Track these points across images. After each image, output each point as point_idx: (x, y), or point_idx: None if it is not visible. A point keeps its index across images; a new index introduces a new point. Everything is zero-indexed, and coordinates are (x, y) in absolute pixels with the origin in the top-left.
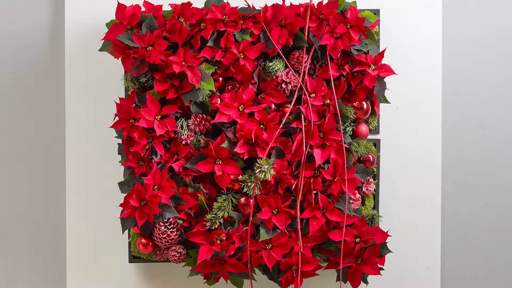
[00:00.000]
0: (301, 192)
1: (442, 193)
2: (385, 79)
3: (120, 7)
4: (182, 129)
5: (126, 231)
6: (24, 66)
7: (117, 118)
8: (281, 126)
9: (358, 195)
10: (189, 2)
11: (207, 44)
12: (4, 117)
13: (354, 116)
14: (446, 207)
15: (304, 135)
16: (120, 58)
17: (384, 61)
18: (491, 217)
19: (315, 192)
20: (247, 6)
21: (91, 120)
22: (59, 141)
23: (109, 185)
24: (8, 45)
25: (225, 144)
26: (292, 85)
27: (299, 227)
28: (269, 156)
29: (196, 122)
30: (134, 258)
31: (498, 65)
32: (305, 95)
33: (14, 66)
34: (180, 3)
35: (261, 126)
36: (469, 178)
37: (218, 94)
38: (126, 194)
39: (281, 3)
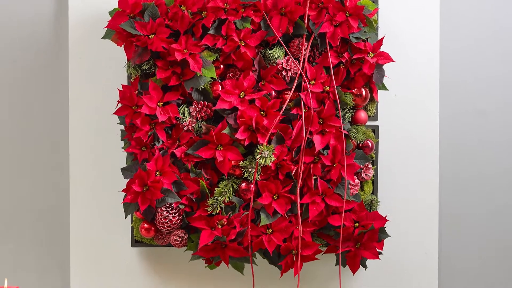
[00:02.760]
0: (301, 178)
1: (440, 178)
2: (383, 67)
3: None
4: (184, 115)
5: (129, 216)
6: (28, 54)
7: (120, 105)
8: (281, 112)
9: (357, 181)
10: None
11: (209, 32)
12: (8, 105)
13: (353, 102)
14: (444, 192)
15: (304, 121)
16: (122, 46)
17: (382, 48)
18: (488, 203)
19: (314, 177)
20: None
21: (94, 106)
22: (62, 128)
23: (112, 171)
24: (13, 33)
25: (226, 131)
26: (292, 72)
27: (299, 212)
28: (269, 142)
29: (197, 108)
30: (136, 242)
31: (495, 53)
32: (305, 82)
33: (18, 54)
34: None
35: (262, 112)
36: (467, 164)
37: (219, 81)
38: (128, 179)
39: None
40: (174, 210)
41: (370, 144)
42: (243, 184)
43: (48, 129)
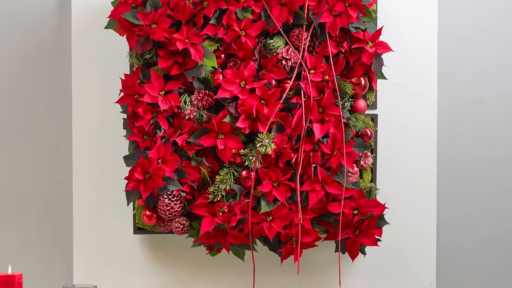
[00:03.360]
0: (301, 166)
1: (438, 166)
2: (382, 56)
3: None
4: (185, 104)
5: (131, 203)
6: (32, 43)
7: (122, 94)
8: (281, 101)
9: (356, 169)
10: None
11: (210, 22)
12: (11, 95)
13: (352, 91)
14: (441, 180)
15: (303, 110)
16: (125, 36)
17: (381, 38)
18: (486, 190)
19: (314, 165)
20: None
21: (97, 95)
22: (65, 116)
23: (114, 159)
24: (16, 23)
25: (227, 119)
26: (292, 61)
27: (299, 199)
28: (269, 130)
29: (199, 97)
30: (138, 229)
31: (492, 43)
32: (304, 71)
33: (21, 43)
34: None
35: (262, 101)
36: (464, 152)
37: (220, 70)
38: (131, 167)
39: None
40: (175, 198)
41: (369, 133)
42: (244, 172)
43: (51, 118)
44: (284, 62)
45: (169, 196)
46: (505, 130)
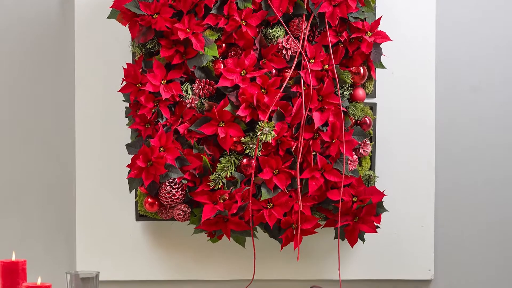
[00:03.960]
0: (300, 154)
1: (436, 154)
2: (381, 45)
3: None
4: (186, 93)
5: (133, 190)
6: (35, 33)
7: (124, 83)
8: (281, 90)
9: (355, 156)
10: None
11: (211, 12)
12: (16, 84)
13: (352, 80)
14: (439, 167)
15: (303, 98)
16: (127, 25)
17: (380, 28)
18: (484, 177)
19: (314, 153)
20: None
21: (99, 84)
22: (69, 105)
23: (117, 147)
24: (20, 13)
25: (228, 108)
26: (292, 51)
27: (299, 187)
28: (270, 119)
29: (200, 86)
30: (140, 216)
31: (489, 32)
32: (304, 60)
33: (25, 33)
34: None
35: (263, 90)
36: (462, 140)
37: (221, 59)
38: (133, 155)
39: None
40: (177, 185)
41: (368, 121)
42: (245, 160)
43: (55, 107)
44: (284, 52)
45: (171, 184)
46: (503, 118)
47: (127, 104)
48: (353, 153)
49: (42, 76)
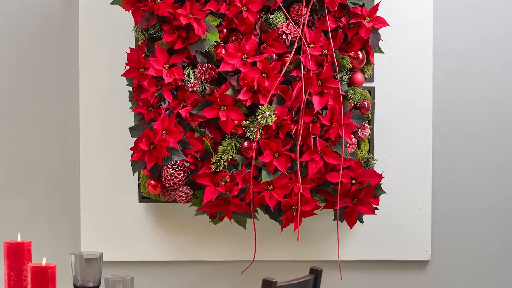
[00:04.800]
0: (300, 137)
1: (433, 137)
2: (379, 31)
3: None
4: (189, 77)
5: (136, 173)
6: (40, 19)
7: (128, 67)
8: (281, 74)
9: (354, 139)
10: None
11: None
12: (21, 69)
13: (350, 65)
14: (437, 150)
15: (303, 83)
16: (130, 11)
17: (378, 13)
18: (480, 159)
19: (313, 136)
20: None
21: (103, 69)
22: (73, 90)
23: (120, 130)
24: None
25: (229, 92)
26: (292, 36)
27: (299, 169)
28: (270, 102)
29: (202, 70)
30: (143, 198)
31: (486, 18)
32: (304, 45)
33: (30, 19)
34: None
35: (263, 74)
36: (459, 124)
37: (222, 44)
38: (136, 138)
39: None
40: (179, 168)
41: (366, 105)
42: (245, 143)
43: (59, 92)
44: (284, 37)
45: (173, 166)
46: (497, 101)
47: (130, 88)
48: (352, 136)
49: (47, 62)
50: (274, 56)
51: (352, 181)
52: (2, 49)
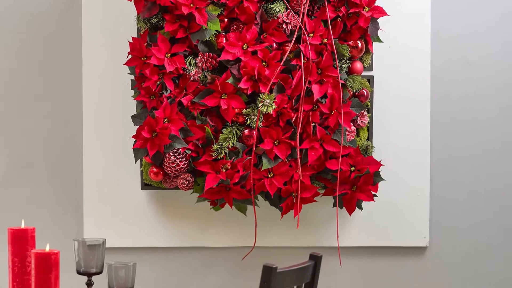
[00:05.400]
0: (300, 125)
1: (431, 125)
2: (378, 20)
3: None
4: (190, 66)
5: (139, 160)
6: (43, 9)
7: (130, 56)
8: (282, 63)
9: (353, 127)
10: None
11: None
12: (24, 58)
13: (350, 54)
14: (435, 138)
15: (303, 71)
16: (133, 1)
17: (377, 3)
18: (477, 146)
19: (313, 124)
20: None
21: (106, 58)
22: (76, 78)
23: (123, 118)
24: None
25: (230, 80)
26: (292, 25)
27: (299, 156)
28: (271, 91)
29: (203, 59)
30: (145, 185)
31: (484, 7)
32: (304, 34)
33: (33, 8)
34: None
35: (264, 63)
36: (456, 112)
37: (223, 34)
38: (138, 126)
39: None
40: (181, 155)
41: (365, 93)
42: (246, 131)
43: (63, 80)
44: (284, 26)
45: (175, 154)
46: (496, 90)
47: (132, 77)
48: (351, 124)
49: (50, 51)
50: (275, 45)
51: (351, 169)
52: (5, 39)
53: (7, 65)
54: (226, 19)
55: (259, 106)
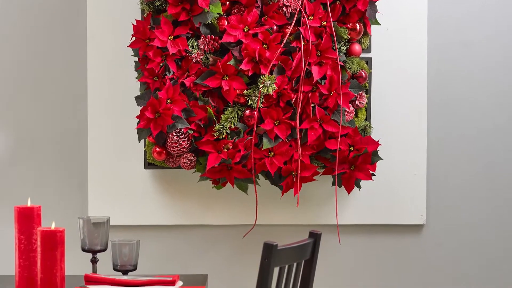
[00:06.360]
0: (300, 105)
1: (428, 105)
2: (376, 3)
3: None
4: (192, 48)
5: (142, 140)
6: None
7: (134, 38)
8: (282, 45)
9: (352, 108)
10: None
11: None
12: (31, 40)
13: (348, 36)
14: (431, 118)
15: (303, 53)
16: None
17: None
18: (473, 126)
19: (313, 105)
20: None
21: (110, 40)
22: (81, 60)
23: (127, 99)
24: None
25: (231, 62)
26: (292, 8)
27: (299, 136)
28: (271, 72)
29: (205, 42)
30: (149, 165)
31: None
32: (304, 17)
33: None
34: None
35: (264, 45)
36: (453, 93)
37: (225, 16)
38: (142, 107)
39: None
40: (183, 135)
41: (364, 74)
42: (247, 111)
43: (68, 62)
44: (284, 9)
45: (178, 134)
46: (490, 70)
47: (136, 59)
48: (350, 104)
49: (56, 33)
50: (275, 27)
51: (350, 148)
52: (11, 20)
53: (14, 48)
54: (227, 2)
55: (260, 87)
